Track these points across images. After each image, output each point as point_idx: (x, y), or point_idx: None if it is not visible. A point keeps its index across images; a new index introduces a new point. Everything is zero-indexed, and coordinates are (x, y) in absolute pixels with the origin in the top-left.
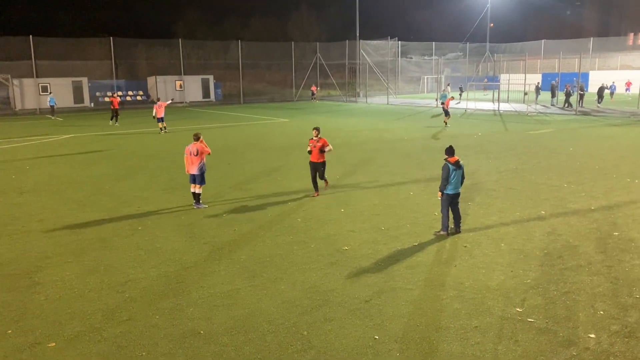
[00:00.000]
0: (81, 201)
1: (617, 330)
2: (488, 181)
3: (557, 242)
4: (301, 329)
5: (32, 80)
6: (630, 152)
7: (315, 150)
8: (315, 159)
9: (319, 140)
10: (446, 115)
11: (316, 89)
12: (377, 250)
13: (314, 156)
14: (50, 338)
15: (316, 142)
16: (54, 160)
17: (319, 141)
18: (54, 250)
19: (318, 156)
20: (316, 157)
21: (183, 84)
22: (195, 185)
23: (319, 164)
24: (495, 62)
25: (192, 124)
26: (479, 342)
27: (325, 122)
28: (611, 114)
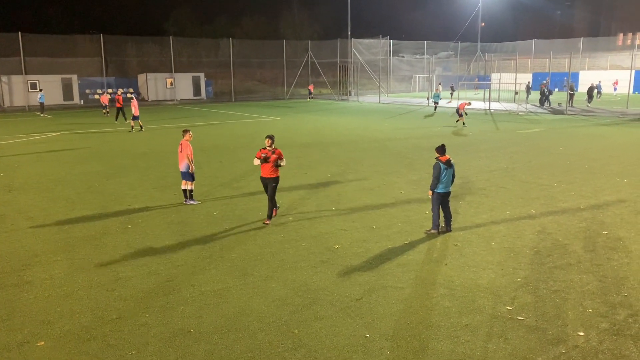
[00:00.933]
0: (71, 199)
1: (605, 328)
2: (479, 180)
3: (546, 240)
4: (292, 328)
5: (21, 77)
6: (619, 152)
7: (268, 164)
8: (267, 174)
9: (273, 152)
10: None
11: (313, 87)
12: (368, 248)
13: (266, 170)
14: (39, 337)
15: (270, 154)
16: (43, 157)
17: (273, 153)
18: (43, 248)
19: (270, 170)
20: (268, 172)
21: (174, 81)
22: (187, 182)
23: (271, 179)
24: (486, 61)
25: (182, 122)
26: (469, 340)
27: (316, 120)
28: (601, 114)
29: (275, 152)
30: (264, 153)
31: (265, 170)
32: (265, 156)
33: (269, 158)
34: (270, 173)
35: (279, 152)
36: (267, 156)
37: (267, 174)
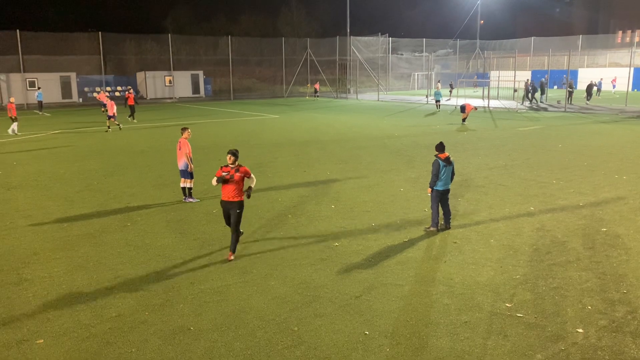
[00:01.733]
0: (69, 197)
1: (604, 325)
2: (478, 177)
3: (545, 238)
4: (291, 325)
5: (19, 75)
6: (618, 149)
7: (229, 184)
8: (229, 197)
9: (237, 170)
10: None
11: (319, 86)
12: (367, 246)
13: (228, 192)
14: (38, 335)
15: (233, 172)
16: (41, 155)
17: (237, 171)
18: (42, 246)
19: (234, 192)
20: (231, 194)
21: (172, 79)
22: (186, 180)
23: (235, 204)
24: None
25: (181, 120)
26: (468, 337)
27: (315, 118)
28: (600, 111)
29: (240, 170)
30: (225, 171)
31: (226, 193)
32: (226, 175)
33: (232, 177)
34: (233, 196)
35: (244, 170)
36: (230, 175)
37: (229, 197)
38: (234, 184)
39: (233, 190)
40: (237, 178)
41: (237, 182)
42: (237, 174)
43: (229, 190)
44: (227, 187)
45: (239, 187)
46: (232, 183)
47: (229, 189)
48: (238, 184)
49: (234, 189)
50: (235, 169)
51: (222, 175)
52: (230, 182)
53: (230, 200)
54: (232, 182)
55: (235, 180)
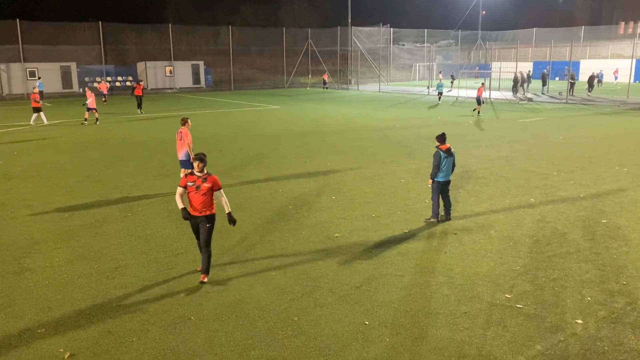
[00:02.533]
0: (70, 187)
1: (604, 316)
2: (479, 169)
3: (546, 229)
4: (292, 315)
5: (19, 65)
6: (619, 141)
7: (197, 195)
8: (197, 210)
9: (205, 179)
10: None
11: (327, 77)
12: (368, 237)
13: (196, 205)
14: (40, 324)
15: (200, 182)
16: (42, 146)
17: (205, 181)
18: (43, 236)
19: (202, 205)
20: (199, 207)
21: (173, 69)
22: (186, 170)
23: (204, 219)
24: (487, 50)
25: (182, 111)
26: (468, 327)
27: (316, 109)
28: (601, 103)
29: (208, 180)
30: (192, 181)
31: (194, 206)
32: (193, 185)
33: (199, 187)
34: (202, 209)
35: (213, 180)
36: (196, 185)
37: (197, 210)
38: (202, 196)
39: (201, 202)
40: (205, 189)
41: (205, 193)
42: (204, 184)
43: (197, 203)
44: (194, 199)
45: (208, 199)
46: (199, 194)
47: (197, 202)
48: (206, 196)
49: (202, 201)
50: (203, 178)
51: (188, 185)
52: (198, 193)
53: (198, 215)
54: (199, 193)
55: (202, 191)
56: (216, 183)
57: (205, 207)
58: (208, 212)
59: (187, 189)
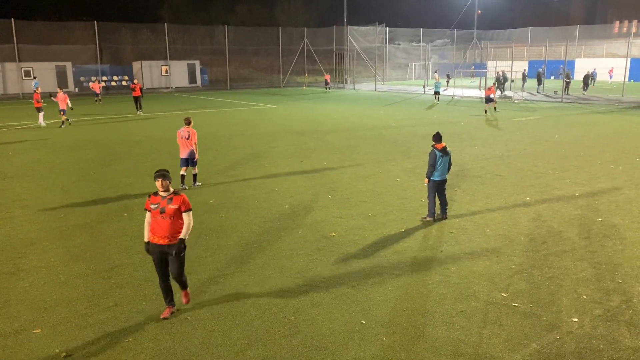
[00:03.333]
0: (66, 187)
1: (599, 314)
2: (474, 168)
3: (541, 228)
4: (288, 314)
5: (14, 65)
6: (614, 140)
7: (162, 220)
8: (162, 238)
9: (171, 200)
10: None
11: (329, 77)
12: (364, 236)
13: (160, 232)
14: (35, 324)
15: (164, 204)
16: (37, 145)
17: (171, 201)
18: (39, 236)
19: (170, 232)
20: (163, 233)
21: (169, 69)
22: (187, 168)
23: (171, 248)
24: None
25: (178, 110)
26: (464, 326)
27: (312, 108)
28: (596, 102)
29: (175, 200)
30: (155, 202)
31: (158, 231)
32: (156, 208)
33: (163, 210)
34: (167, 235)
35: (181, 199)
36: (160, 208)
37: (162, 238)
38: (169, 220)
39: (166, 229)
40: (172, 211)
41: (172, 216)
42: (170, 206)
43: (162, 229)
44: (158, 224)
45: (176, 224)
46: (165, 219)
47: (162, 228)
48: (173, 220)
49: (167, 227)
50: (168, 198)
51: (152, 208)
52: (163, 218)
53: (164, 243)
54: (165, 217)
55: (168, 214)
56: (185, 203)
57: (173, 233)
58: (175, 241)
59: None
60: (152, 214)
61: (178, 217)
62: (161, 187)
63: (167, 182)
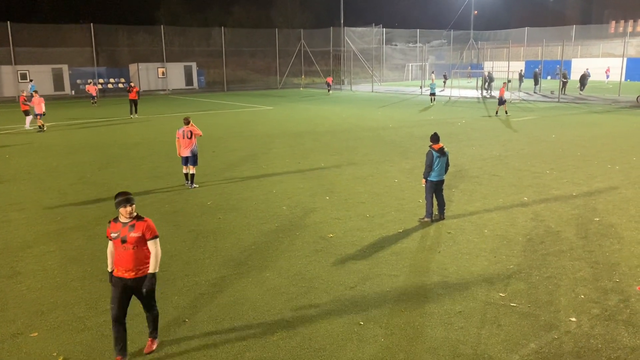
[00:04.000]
0: (63, 190)
1: (597, 313)
2: (472, 168)
3: (539, 227)
4: (286, 316)
5: (10, 68)
6: (611, 139)
7: (124, 251)
8: (127, 270)
9: (133, 227)
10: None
11: (331, 80)
12: (362, 237)
13: (124, 263)
14: (33, 328)
15: (127, 232)
16: (34, 148)
17: (133, 228)
18: (36, 239)
19: (133, 264)
20: (130, 266)
21: (165, 71)
22: (189, 166)
23: (138, 282)
24: (479, 49)
25: (175, 112)
26: (462, 326)
27: (309, 109)
28: (593, 102)
29: (137, 227)
30: (116, 230)
31: (121, 263)
32: (117, 237)
33: (125, 240)
34: (132, 268)
35: (145, 226)
36: (122, 236)
37: (126, 272)
38: (132, 250)
39: (130, 260)
40: (134, 240)
41: (135, 246)
42: (132, 234)
43: (125, 261)
44: (121, 255)
45: (140, 254)
46: (127, 249)
47: (125, 259)
48: (138, 249)
49: (130, 259)
50: (130, 225)
51: (112, 236)
52: (125, 248)
53: (130, 277)
54: (127, 247)
55: (130, 243)
56: (149, 229)
57: (138, 265)
58: (141, 273)
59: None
60: (114, 244)
61: (143, 246)
62: (127, 215)
63: (131, 206)
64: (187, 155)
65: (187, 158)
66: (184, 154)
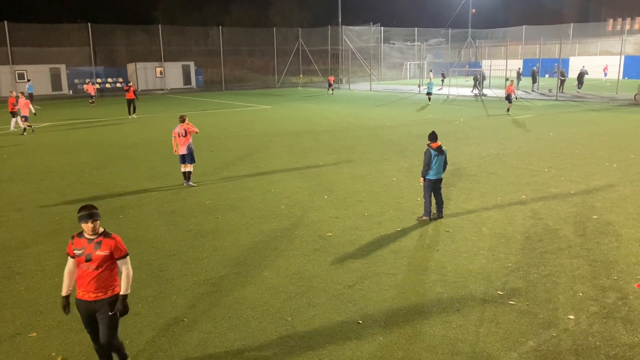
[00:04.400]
0: (61, 190)
1: (595, 311)
2: (470, 166)
3: (537, 225)
4: (285, 315)
5: (7, 68)
6: (609, 137)
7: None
8: (90, 293)
9: (99, 244)
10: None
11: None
12: (361, 236)
13: (86, 285)
14: (31, 328)
15: (92, 250)
16: (32, 148)
17: (99, 246)
18: (34, 239)
19: (97, 285)
20: (93, 288)
21: (163, 70)
22: (186, 164)
23: (101, 304)
24: (477, 48)
25: (173, 112)
26: (461, 325)
27: (307, 109)
28: (591, 100)
29: (104, 244)
30: (80, 247)
31: (84, 284)
32: (81, 254)
33: (90, 258)
34: (93, 290)
35: (113, 243)
36: (87, 255)
37: (87, 293)
38: (97, 270)
39: (93, 280)
40: (99, 259)
41: (100, 265)
42: (98, 252)
43: (89, 281)
44: (84, 275)
45: (106, 274)
46: (91, 268)
47: (89, 279)
48: (103, 269)
49: (94, 280)
50: (97, 242)
51: (75, 254)
52: (89, 267)
53: (90, 300)
54: (91, 266)
55: (95, 262)
56: (118, 248)
57: (102, 286)
58: (108, 294)
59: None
60: (77, 262)
61: (109, 266)
62: (90, 232)
63: (94, 223)
64: (183, 153)
65: (184, 156)
66: (180, 152)
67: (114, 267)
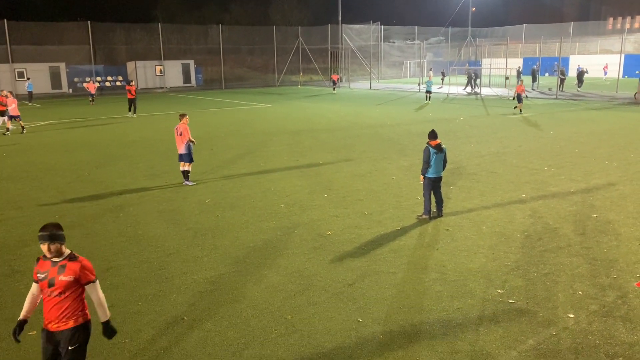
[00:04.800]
0: (60, 188)
1: (595, 309)
2: (470, 165)
3: (537, 224)
4: (285, 313)
5: (7, 66)
6: (609, 136)
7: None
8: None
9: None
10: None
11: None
12: (360, 234)
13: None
14: (31, 326)
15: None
16: (31, 147)
17: (63, 270)
18: (33, 238)
19: (60, 314)
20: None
21: (163, 69)
22: (184, 163)
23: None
24: (477, 46)
25: (173, 110)
26: (460, 323)
27: (307, 107)
28: (591, 98)
29: (69, 269)
30: (44, 270)
31: (46, 312)
32: (44, 278)
33: (52, 283)
34: (57, 317)
35: (78, 267)
36: (50, 279)
37: (52, 322)
38: (60, 297)
39: (54, 308)
40: (63, 285)
41: (63, 292)
42: (61, 277)
43: (51, 309)
44: (47, 302)
45: (70, 302)
46: (54, 294)
47: (48, 307)
48: (67, 296)
49: (55, 307)
50: (60, 265)
51: (39, 277)
52: (52, 293)
53: (52, 330)
54: (52, 292)
55: (58, 288)
56: (85, 272)
57: (64, 316)
58: (71, 324)
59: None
60: (41, 287)
61: (75, 292)
62: (49, 254)
63: (58, 244)
64: (181, 152)
65: (181, 155)
66: (179, 150)
67: (81, 293)
